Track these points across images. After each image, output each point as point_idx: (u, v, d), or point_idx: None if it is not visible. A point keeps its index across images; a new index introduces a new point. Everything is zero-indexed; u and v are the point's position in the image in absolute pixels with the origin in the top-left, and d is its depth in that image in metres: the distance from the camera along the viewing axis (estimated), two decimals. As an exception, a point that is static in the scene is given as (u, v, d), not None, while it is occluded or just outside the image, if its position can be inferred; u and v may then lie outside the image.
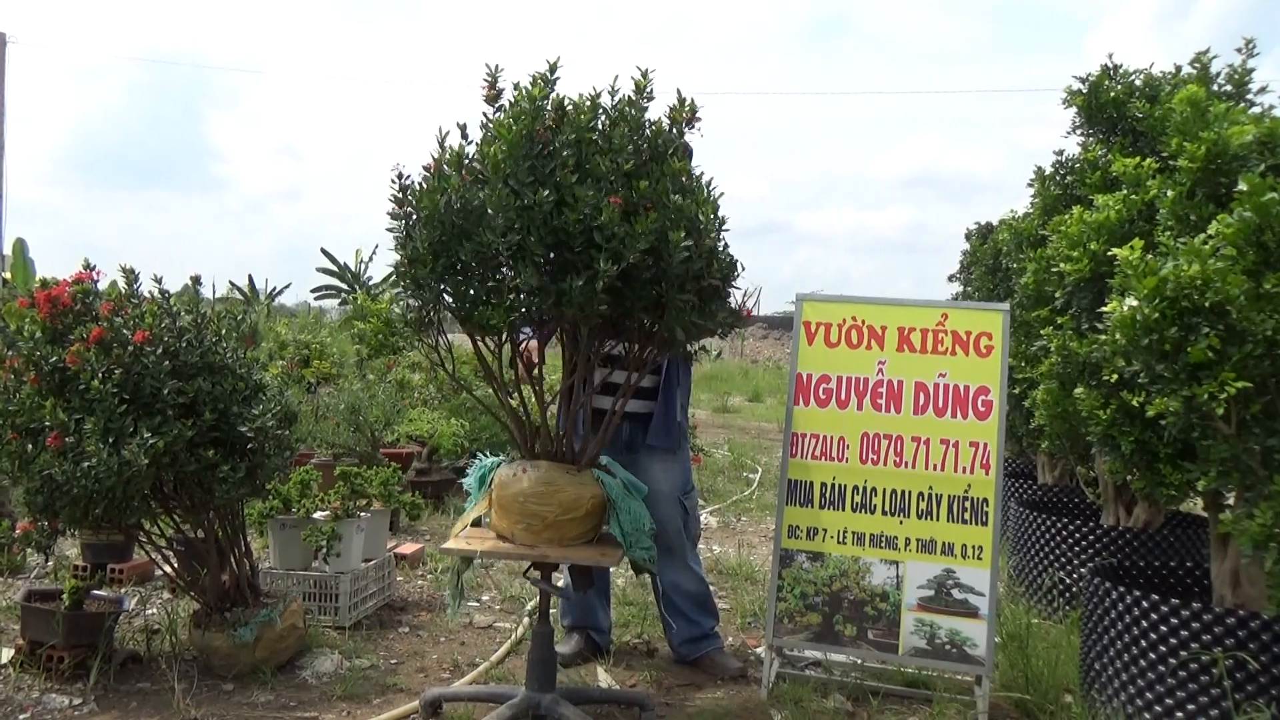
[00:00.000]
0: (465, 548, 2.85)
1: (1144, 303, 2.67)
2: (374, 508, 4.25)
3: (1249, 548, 2.58)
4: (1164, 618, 2.83)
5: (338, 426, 6.48)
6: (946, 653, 3.24)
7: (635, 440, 3.51)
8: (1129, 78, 4.29)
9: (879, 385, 3.42)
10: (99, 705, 3.10)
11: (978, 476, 3.31)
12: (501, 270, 2.65)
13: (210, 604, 3.38)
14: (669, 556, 3.54)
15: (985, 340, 3.36)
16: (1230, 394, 2.51)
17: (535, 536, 2.81)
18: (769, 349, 28.33)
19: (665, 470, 3.50)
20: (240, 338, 3.43)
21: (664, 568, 3.61)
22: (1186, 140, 2.99)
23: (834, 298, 3.55)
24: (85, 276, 3.27)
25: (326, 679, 3.37)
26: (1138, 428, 2.98)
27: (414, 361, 9.22)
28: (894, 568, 3.33)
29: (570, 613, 3.74)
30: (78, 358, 2.98)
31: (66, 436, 2.92)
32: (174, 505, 3.30)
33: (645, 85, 2.71)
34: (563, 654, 3.53)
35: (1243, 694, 2.68)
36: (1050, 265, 3.88)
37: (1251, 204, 2.54)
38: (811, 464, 3.44)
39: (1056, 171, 4.59)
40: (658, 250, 2.57)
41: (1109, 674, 3.00)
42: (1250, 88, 3.73)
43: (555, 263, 2.61)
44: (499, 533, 2.89)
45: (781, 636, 3.41)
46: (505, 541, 2.86)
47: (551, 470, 2.83)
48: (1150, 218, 3.30)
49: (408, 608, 4.27)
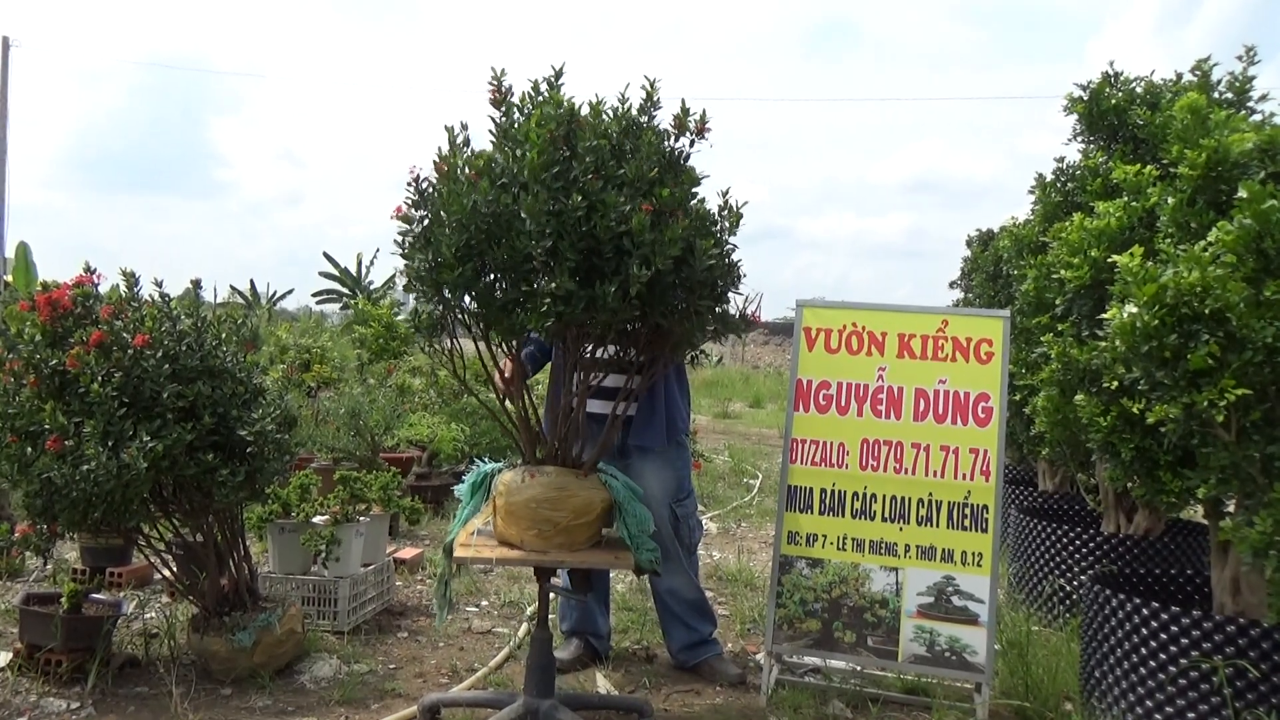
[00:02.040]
0: (478, 555, 2.83)
1: (1144, 310, 2.66)
2: (373, 512, 4.25)
3: (1249, 555, 2.58)
4: (1164, 625, 2.83)
5: (338, 431, 6.48)
6: (946, 660, 3.24)
7: (624, 443, 3.50)
8: (1130, 85, 4.30)
9: (879, 391, 3.42)
10: (97, 709, 3.10)
11: (978, 483, 3.30)
12: (533, 275, 2.65)
13: (209, 608, 3.38)
14: (664, 562, 3.53)
15: (986, 347, 3.36)
16: (1230, 401, 2.51)
17: (546, 542, 2.80)
18: (769, 355, 28.32)
19: (656, 474, 3.48)
20: (240, 342, 3.44)
21: (657, 577, 3.60)
22: (1187, 147, 2.99)
23: (834, 304, 3.55)
24: (86, 280, 3.27)
25: (325, 684, 3.37)
26: (1138, 435, 2.98)
27: (414, 366, 9.23)
28: (894, 574, 3.33)
29: (569, 618, 3.73)
30: (78, 361, 2.98)
31: (66, 440, 2.92)
32: (173, 509, 3.29)
33: (654, 94, 2.75)
34: (561, 659, 3.52)
35: (1243, 702, 2.67)
36: (1051, 272, 3.88)
37: (1252, 211, 2.54)
38: (811, 470, 3.44)
39: (1057, 178, 4.59)
40: (684, 257, 2.62)
41: (1109, 682, 3.00)
42: (1251, 95, 3.73)
43: (584, 268, 2.62)
44: (505, 540, 2.86)
45: (781, 643, 3.40)
46: (514, 548, 2.84)
47: (562, 475, 2.82)
48: (1151, 225, 3.31)
49: (407, 612, 4.26)
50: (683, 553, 3.57)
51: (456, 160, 2.71)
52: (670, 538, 3.51)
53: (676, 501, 3.53)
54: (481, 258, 2.67)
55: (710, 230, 2.70)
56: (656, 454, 3.48)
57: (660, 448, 3.47)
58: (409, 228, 2.77)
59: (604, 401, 3.26)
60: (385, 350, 10.30)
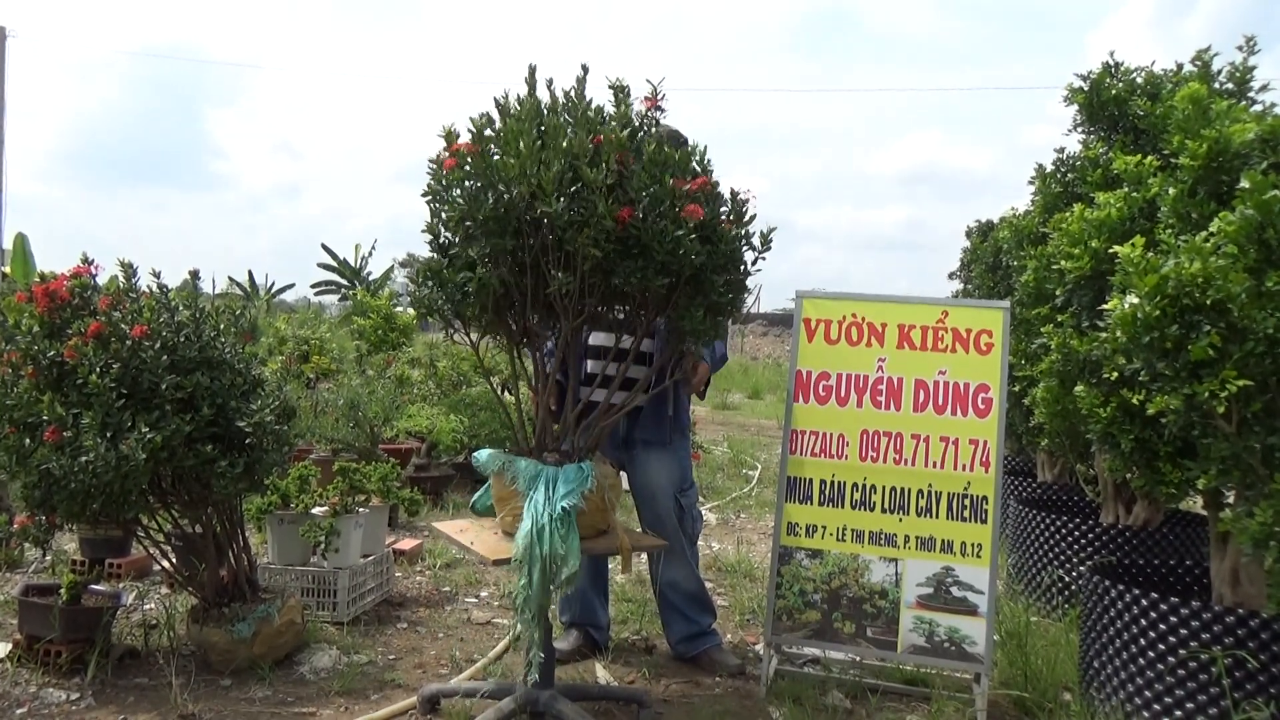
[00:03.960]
0: None
1: (1145, 300, 2.66)
2: (373, 503, 4.25)
3: (1249, 546, 2.57)
4: (1163, 616, 2.83)
5: (337, 422, 6.47)
6: (945, 650, 3.24)
7: (630, 435, 3.51)
8: (1130, 75, 4.28)
9: (879, 382, 3.42)
10: (96, 700, 3.10)
11: (977, 474, 3.30)
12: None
13: (208, 599, 3.38)
14: (665, 553, 3.54)
15: (985, 338, 3.36)
16: (1231, 392, 2.50)
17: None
18: (768, 346, 28.31)
19: (660, 464, 3.50)
20: (239, 333, 3.43)
21: (661, 565, 3.61)
22: (1188, 138, 2.98)
23: (834, 295, 3.54)
24: (83, 271, 3.26)
25: (324, 674, 3.37)
26: (1138, 426, 2.98)
27: (413, 357, 9.22)
28: (893, 565, 3.33)
29: (569, 609, 3.74)
30: (76, 352, 2.97)
31: (64, 431, 2.91)
32: (172, 500, 3.29)
33: (658, 94, 2.80)
34: (561, 650, 3.53)
35: (1242, 692, 2.67)
36: (1051, 263, 3.87)
37: (1253, 201, 2.53)
38: (811, 461, 3.44)
39: (1058, 169, 4.58)
40: (708, 237, 2.72)
41: (1108, 672, 3.00)
42: (1252, 85, 3.72)
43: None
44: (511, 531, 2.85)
45: (780, 634, 3.40)
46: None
47: (603, 464, 2.86)
48: (1151, 216, 3.30)
49: (406, 603, 4.27)
50: (686, 543, 3.58)
51: (485, 140, 2.70)
52: (675, 529, 3.52)
53: (681, 492, 3.55)
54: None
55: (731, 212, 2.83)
56: (662, 446, 3.50)
57: (666, 441, 3.49)
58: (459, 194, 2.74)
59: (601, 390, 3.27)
60: (384, 341, 10.29)
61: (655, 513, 3.53)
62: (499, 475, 2.84)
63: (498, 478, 2.87)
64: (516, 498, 2.77)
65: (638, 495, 3.58)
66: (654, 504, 3.53)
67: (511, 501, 2.81)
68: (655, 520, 3.54)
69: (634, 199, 2.62)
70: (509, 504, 2.84)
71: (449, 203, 2.74)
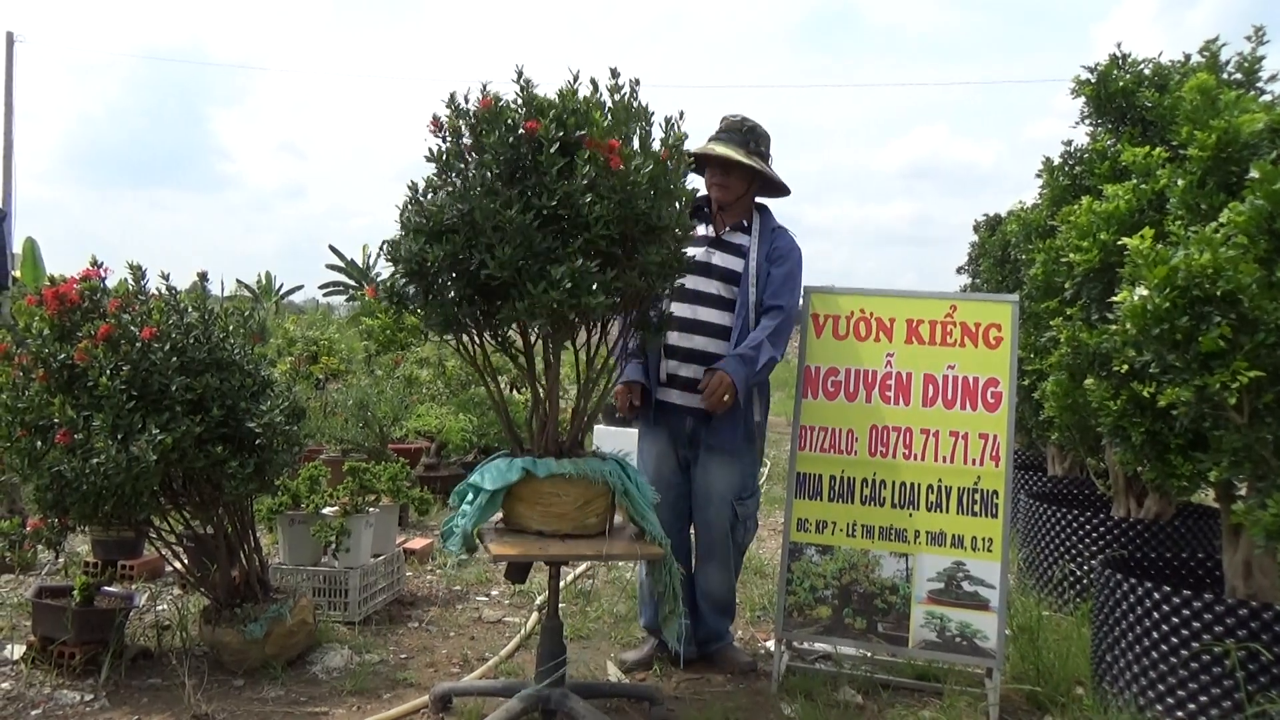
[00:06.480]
0: (526, 554, 2.78)
1: (1155, 292, 2.65)
2: (383, 503, 4.26)
3: (1261, 538, 2.57)
4: (1176, 609, 2.82)
5: (346, 422, 6.49)
6: (957, 645, 3.24)
7: (696, 434, 3.44)
8: (1138, 67, 4.27)
9: (888, 377, 3.41)
10: (110, 701, 3.11)
11: (987, 468, 3.29)
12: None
13: (220, 600, 3.39)
14: (708, 558, 3.48)
15: (994, 332, 3.34)
16: (1242, 383, 2.49)
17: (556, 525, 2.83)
18: (777, 343, 28.26)
19: (722, 471, 3.41)
20: (248, 334, 3.44)
21: (700, 568, 3.54)
22: (1197, 129, 2.97)
23: (842, 290, 3.53)
24: (93, 274, 3.27)
25: (336, 674, 3.38)
26: (1148, 418, 2.96)
27: (422, 357, 9.24)
28: (904, 560, 3.32)
29: (646, 613, 3.62)
30: (86, 354, 2.98)
31: (75, 433, 2.92)
32: (183, 501, 3.30)
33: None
34: (629, 660, 3.49)
35: (1255, 685, 2.66)
36: (1059, 256, 3.86)
37: (1263, 192, 2.52)
38: (820, 457, 3.43)
39: (1065, 162, 4.57)
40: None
41: (1120, 666, 2.99)
42: (1260, 76, 3.71)
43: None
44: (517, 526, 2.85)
45: (791, 630, 3.40)
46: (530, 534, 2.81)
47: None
48: (1160, 207, 3.28)
49: (417, 602, 4.28)
50: (733, 551, 3.50)
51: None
52: (724, 535, 3.44)
53: (739, 500, 3.44)
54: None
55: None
56: (727, 453, 3.41)
57: (733, 449, 3.41)
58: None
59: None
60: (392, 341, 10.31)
61: (706, 518, 3.46)
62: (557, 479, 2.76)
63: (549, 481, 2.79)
64: (582, 496, 2.76)
65: (695, 497, 3.48)
66: (708, 509, 3.44)
67: (557, 499, 2.78)
68: (705, 525, 3.47)
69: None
70: (537, 505, 2.79)
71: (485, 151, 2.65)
